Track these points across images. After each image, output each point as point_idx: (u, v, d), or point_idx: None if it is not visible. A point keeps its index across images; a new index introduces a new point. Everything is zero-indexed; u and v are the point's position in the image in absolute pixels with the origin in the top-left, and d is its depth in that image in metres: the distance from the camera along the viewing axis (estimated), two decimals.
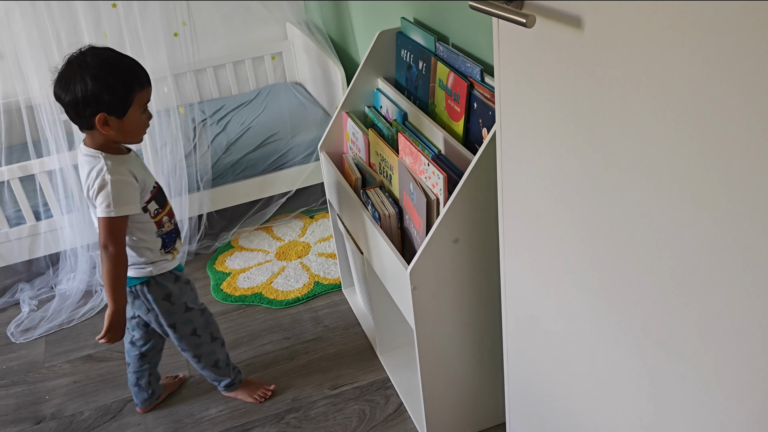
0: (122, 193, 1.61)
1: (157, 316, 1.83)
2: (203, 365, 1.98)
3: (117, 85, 1.55)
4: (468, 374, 1.77)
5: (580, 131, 0.98)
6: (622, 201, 0.93)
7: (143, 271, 1.76)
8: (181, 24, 2.58)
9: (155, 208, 1.72)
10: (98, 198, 1.60)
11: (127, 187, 1.62)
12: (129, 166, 1.65)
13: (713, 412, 0.89)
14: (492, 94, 1.55)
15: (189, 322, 1.87)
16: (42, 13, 2.37)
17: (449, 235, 1.52)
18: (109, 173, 1.59)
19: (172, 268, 1.81)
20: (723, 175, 0.75)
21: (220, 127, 2.95)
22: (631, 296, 0.98)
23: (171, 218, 1.79)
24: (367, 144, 1.93)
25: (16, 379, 2.29)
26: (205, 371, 2.01)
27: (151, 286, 1.78)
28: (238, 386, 2.08)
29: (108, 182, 1.59)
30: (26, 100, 2.53)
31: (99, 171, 1.60)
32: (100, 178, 1.60)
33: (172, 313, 1.84)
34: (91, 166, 1.62)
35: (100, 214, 1.61)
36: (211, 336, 1.95)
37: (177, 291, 1.82)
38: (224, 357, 2.01)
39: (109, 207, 1.59)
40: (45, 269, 2.73)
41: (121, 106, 1.57)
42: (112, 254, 1.63)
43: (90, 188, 1.62)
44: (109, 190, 1.59)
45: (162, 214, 1.75)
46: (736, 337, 0.81)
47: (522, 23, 0.91)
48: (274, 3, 3.15)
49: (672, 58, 0.77)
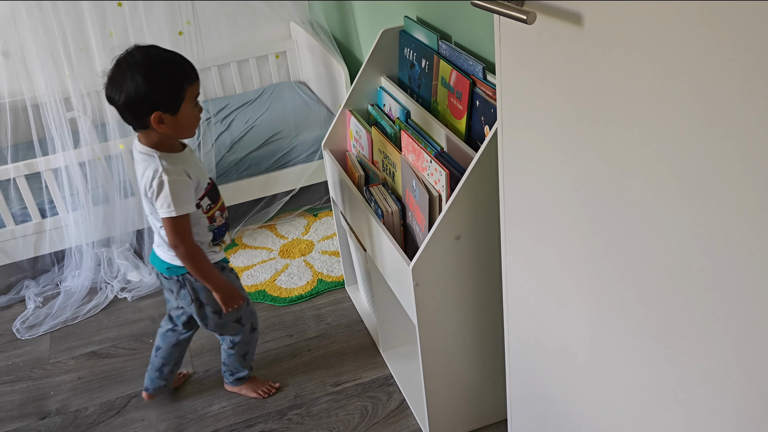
0: (181, 193, 1.63)
1: (201, 306, 1.84)
2: (234, 352, 1.99)
3: (168, 83, 1.57)
4: (470, 370, 1.78)
5: (580, 128, 0.99)
6: (622, 197, 0.94)
7: None
8: (186, 23, 2.60)
9: (208, 204, 1.75)
10: (158, 200, 1.63)
11: (183, 187, 1.64)
12: (183, 165, 1.66)
13: (713, 409, 0.89)
14: (494, 91, 1.56)
15: (235, 311, 1.88)
16: (48, 12, 2.39)
17: (451, 232, 1.53)
18: (166, 174, 1.61)
19: (219, 259, 1.84)
20: (723, 172, 0.76)
21: (224, 125, 2.96)
22: (632, 293, 0.99)
23: (222, 212, 1.81)
24: (371, 142, 1.95)
25: (21, 375, 2.31)
26: (231, 358, 2.02)
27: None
28: (246, 381, 2.09)
29: (166, 183, 1.61)
30: (32, 99, 2.55)
31: (155, 171, 1.62)
32: (158, 179, 1.61)
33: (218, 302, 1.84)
34: (146, 165, 1.64)
35: (163, 215, 1.64)
36: (252, 326, 1.97)
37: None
38: (253, 351, 2.04)
39: (170, 208, 1.62)
40: (50, 266, 2.75)
41: (173, 102, 1.58)
42: (184, 253, 1.68)
43: (148, 189, 1.64)
44: (168, 192, 1.61)
45: (214, 209, 1.77)
46: (736, 334, 0.81)
47: (523, 20, 0.92)
48: (278, 2, 3.16)
49: (672, 55, 0.78)
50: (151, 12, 2.48)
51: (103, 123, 2.66)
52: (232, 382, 2.10)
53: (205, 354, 2.30)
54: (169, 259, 1.77)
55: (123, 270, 2.68)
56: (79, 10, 2.43)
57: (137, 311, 2.55)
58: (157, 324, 2.47)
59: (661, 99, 0.82)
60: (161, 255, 1.79)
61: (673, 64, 0.78)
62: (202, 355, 2.30)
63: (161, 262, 1.80)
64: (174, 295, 1.87)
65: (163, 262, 1.79)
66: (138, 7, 2.46)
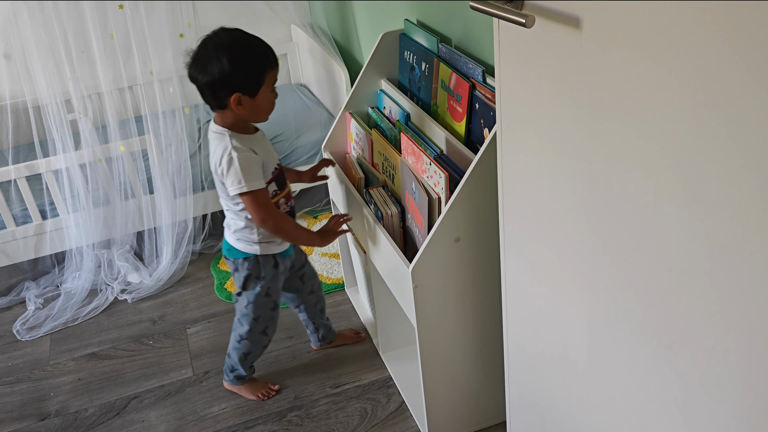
0: (249, 169, 1.65)
1: (240, 293, 1.89)
2: (239, 347, 2.01)
3: (251, 66, 1.61)
4: (469, 372, 1.78)
5: (579, 130, 0.99)
6: (621, 200, 0.95)
7: (250, 248, 1.81)
8: (187, 25, 2.60)
9: (274, 190, 1.77)
10: (228, 177, 1.66)
11: (253, 163, 1.67)
12: (252, 145, 1.69)
13: (712, 411, 0.90)
14: (493, 94, 1.56)
15: (259, 307, 1.91)
16: (50, 13, 2.39)
17: (451, 234, 1.53)
18: (235, 151, 1.64)
19: (278, 251, 1.86)
20: (722, 173, 0.76)
21: None
22: (631, 295, 0.99)
23: (288, 200, 1.84)
24: (371, 144, 1.95)
25: (21, 376, 2.31)
26: (233, 353, 2.03)
27: (251, 263, 1.83)
28: (245, 383, 2.10)
29: (234, 158, 1.64)
30: (33, 100, 2.55)
31: (225, 149, 1.65)
32: (227, 155, 1.64)
33: (256, 292, 1.88)
34: (217, 143, 1.67)
35: (234, 192, 1.67)
36: (265, 330, 1.98)
37: (270, 276, 1.87)
38: (257, 354, 2.05)
39: (240, 183, 1.65)
40: (50, 268, 2.75)
41: (254, 85, 1.62)
42: (273, 226, 1.72)
43: (218, 166, 1.67)
44: (237, 167, 1.64)
45: (280, 196, 1.79)
46: (736, 336, 0.82)
47: (521, 23, 0.92)
48: (279, 5, 3.17)
49: (670, 57, 0.78)
50: (153, 14, 2.49)
51: (104, 125, 2.67)
52: (231, 380, 2.10)
53: (205, 355, 2.30)
54: (232, 241, 1.82)
55: (123, 272, 2.68)
56: (80, 11, 2.44)
57: (137, 313, 2.56)
58: (157, 325, 2.48)
59: (659, 101, 0.82)
60: (226, 236, 1.85)
61: (672, 66, 0.78)
62: (202, 357, 2.30)
63: (225, 242, 1.85)
64: (232, 274, 1.91)
65: (226, 243, 1.85)
66: (139, 9, 2.46)
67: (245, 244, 1.81)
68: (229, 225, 1.82)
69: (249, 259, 1.83)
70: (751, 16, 0.67)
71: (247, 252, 1.82)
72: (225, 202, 1.77)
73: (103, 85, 2.55)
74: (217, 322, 2.46)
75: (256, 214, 1.70)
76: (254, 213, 1.70)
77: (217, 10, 3.11)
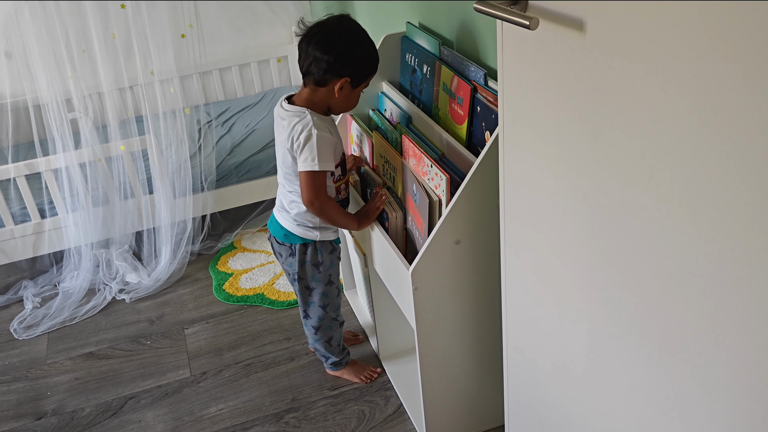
0: (325, 149, 1.67)
1: (300, 278, 1.89)
2: (318, 338, 2.02)
3: (369, 61, 1.68)
4: (468, 375, 1.78)
5: (581, 134, 0.99)
6: (623, 203, 0.95)
7: (310, 234, 1.82)
8: (188, 26, 2.60)
9: (338, 174, 1.79)
10: (303, 152, 1.66)
11: (328, 144, 1.68)
12: (330, 126, 1.72)
13: (711, 416, 0.90)
14: (495, 97, 1.56)
15: (325, 296, 1.93)
16: (51, 13, 2.39)
17: (451, 237, 1.53)
18: (316, 128, 1.65)
19: (333, 238, 1.88)
20: (723, 179, 0.76)
21: (225, 128, 2.97)
22: (632, 299, 0.99)
23: (347, 187, 1.86)
24: (371, 146, 1.95)
25: (18, 375, 2.30)
26: (317, 344, 2.05)
27: (309, 249, 1.84)
28: (344, 366, 2.12)
29: (314, 136, 1.65)
30: (34, 99, 2.55)
31: (306, 125, 1.66)
32: (307, 130, 1.65)
33: (316, 280, 1.89)
34: (297, 119, 1.68)
35: (303, 168, 1.68)
36: (336, 316, 2.00)
37: (329, 262, 1.88)
38: (338, 337, 2.06)
39: (313, 161, 1.66)
40: (49, 267, 2.75)
41: (360, 79, 1.68)
42: (319, 208, 1.72)
43: (295, 141, 1.67)
44: (314, 144, 1.65)
45: (342, 181, 1.82)
46: (736, 340, 0.82)
47: (525, 25, 0.93)
48: (280, 6, 3.17)
49: (674, 62, 0.78)
50: (154, 14, 2.49)
51: (104, 124, 2.67)
52: (330, 367, 2.13)
53: (203, 356, 2.30)
54: (289, 227, 1.82)
55: (121, 271, 2.68)
56: (82, 11, 2.44)
57: (135, 313, 2.55)
58: (155, 325, 2.47)
59: (662, 105, 0.82)
60: (281, 220, 1.84)
61: (675, 71, 0.79)
62: (200, 357, 2.29)
63: (279, 227, 1.84)
64: (282, 260, 1.91)
65: (281, 228, 1.84)
66: (141, 9, 2.46)
67: (304, 229, 1.81)
68: (288, 209, 1.81)
69: (307, 245, 1.84)
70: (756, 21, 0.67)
71: (306, 237, 1.82)
72: (290, 182, 1.76)
73: (104, 84, 2.55)
74: (215, 323, 2.45)
75: (307, 194, 1.70)
76: (306, 192, 1.70)
77: (218, 11, 3.11)
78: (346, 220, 1.79)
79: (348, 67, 1.64)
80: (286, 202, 1.81)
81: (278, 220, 1.85)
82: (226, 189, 2.80)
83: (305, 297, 1.93)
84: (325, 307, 1.95)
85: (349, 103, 1.73)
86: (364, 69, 1.68)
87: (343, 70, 1.64)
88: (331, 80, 1.65)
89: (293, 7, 3.12)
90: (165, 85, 2.58)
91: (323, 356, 2.11)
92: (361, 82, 1.70)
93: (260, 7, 3.21)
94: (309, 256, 1.85)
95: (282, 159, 1.75)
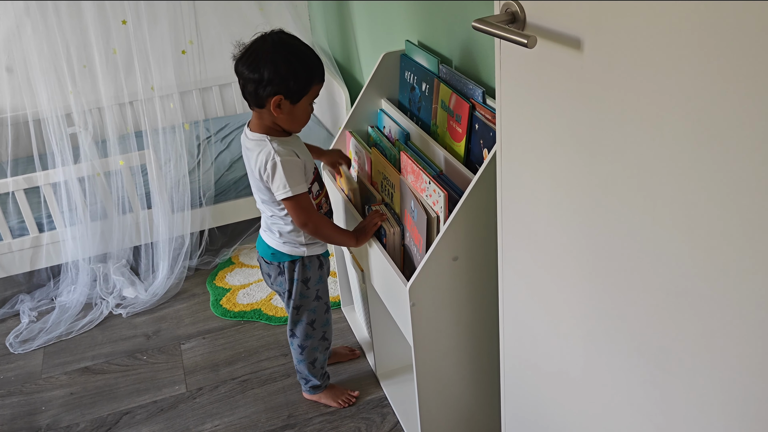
0: (294, 173, 1.67)
1: (290, 296, 1.88)
2: (303, 358, 2.00)
3: (302, 73, 1.61)
4: (465, 391, 1.77)
5: (579, 152, 1.00)
6: (620, 220, 0.95)
7: (297, 251, 1.82)
8: (189, 42, 2.62)
9: (317, 189, 1.79)
10: (275, 181, 1.66)
11: (296, 167, 1.67)
12: (293, 147, 1.70)
13: (710, 429, 0.90)
14: (493, 115, 1.57)
15: (313, 312, 1.92)
16: (53, 28, 2.41)
17: (449, 253, 1.53)
18: (278, 155, 1.64)
19: (321, 252, 1.87)
20: (720, 198, 0.77)
21: (224, 144, 2.98)
22: (628, 315, 0.99)
23: (327, 200, 1.86)
24: (370, 163, 1.96)
25: (12, 389, 2.29)
26: (300, 365, 2.03)
27: (297, 266, 1.84)
28: (323, 390, 2.10)
29: (278, 163, 1.64)
30: (34, 114, 2.56)
31: (268, 154, 1.65)
32: (271, 161, 1.65)
33: (305, 297, 1.88)
34: (259, 149, 1.67)
35: (280, 197, 1.68)
36: (324, 334, 1.98)
37: (317, 277, 1.88)
38: (323, 359, 2.04)
39: (286, 188, 1.66)
40: (46, 281, 2.74)
41: (298, 92, 1.63)
42: (313, 229, 1.73)
43: (263, 172, 1.67)
44: (281, 172, 1.64)
45: (322, 196, 1.82)
46: (732, 357, 0.82)
47: (523, 43, 0.94)
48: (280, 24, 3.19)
49: (671, 80, 0.79)
50: (155, 30, 2.51)
51: (103, 139, 2.68)
52: (308, 390, 2.10)
53: (199, 372, 2.29)
54: (276, 245, 1.82)
55: (119, 286, 2.68)
56: (83, 26, 2.46)
57: (132, 328, 2.54)
58: (151, 340, 2.47)
59: (659, 124, 0.83)
60: (267, 240, 1.84)
61: (673, 90, 0.79)
62: (196, 373, 2.28)
63: (266, 247, 1.84)
64: (270, 280, 1.91)
65: (268, 247, 1.84)
66: (142, 25, 2.48)
67: (291, 246, 1.81)
68: (273, 229, 1.81)
69: (295, 262, 1.84)
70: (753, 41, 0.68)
71: (294, 254, 1.82)
72: (269, 207, 1.76)
73: (104, 99, 2.56)
74: (212, 339, 2.44)
75: (298, 218, 1.71)
76: (296, 216, 1.71)
77: (219, 27, 3.13)
78: (342, 237, 1.79)
79: (276, 83, 1.59)
80: (269, 224, 1.82)
81: (265, 240, 1.85)
82: (225, 204, 2.81)
83: (293, 315, 1.92)
84: (312, 323, 1.94)
85: (297, 119, 1.67)
86: (299, 82, 1.61)
87: (273, 86, 1.60)
88: (266, 100, 1.61)
89: (293, 24, 3.15)
90: (165, 101, 2.60)
91: (303, 378, 2.08)
92: (300, 96, 1.63)
93: (261, 24, 3.22)
94: (297, 273, 1.84)
95: (256, 187, 1.75)
